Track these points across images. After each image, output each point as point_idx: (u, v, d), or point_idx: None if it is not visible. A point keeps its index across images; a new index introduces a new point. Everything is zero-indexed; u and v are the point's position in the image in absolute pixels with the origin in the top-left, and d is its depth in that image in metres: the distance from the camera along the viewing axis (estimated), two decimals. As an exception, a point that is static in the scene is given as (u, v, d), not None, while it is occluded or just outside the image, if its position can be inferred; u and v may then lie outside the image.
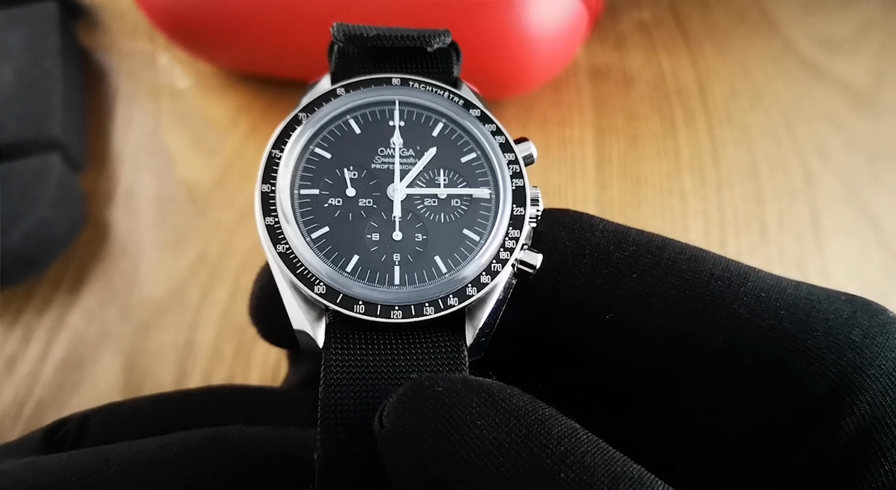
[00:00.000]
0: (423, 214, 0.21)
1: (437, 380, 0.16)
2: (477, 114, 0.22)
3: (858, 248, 0.44)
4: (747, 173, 0.47)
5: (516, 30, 0.41)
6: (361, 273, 0.20)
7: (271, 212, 0.20)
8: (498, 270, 0.20)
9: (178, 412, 0.24)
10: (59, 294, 0.42)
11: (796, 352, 0.18)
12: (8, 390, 0.38)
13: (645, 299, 0.19)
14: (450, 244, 0.21)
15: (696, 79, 0.52)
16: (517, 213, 0.21)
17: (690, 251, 0.20)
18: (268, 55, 0.47)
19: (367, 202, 0.21)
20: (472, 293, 0.20)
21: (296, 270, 0.20)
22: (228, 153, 0.48)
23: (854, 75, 0.53)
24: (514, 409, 0.15)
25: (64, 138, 0.45)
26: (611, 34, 0.55)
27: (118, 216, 0.45)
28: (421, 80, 0.23)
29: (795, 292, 0.19)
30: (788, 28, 0.56)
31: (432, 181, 0.21)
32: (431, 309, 0.19)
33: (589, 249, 0.20)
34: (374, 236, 0.20)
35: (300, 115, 0.22)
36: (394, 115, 0.22)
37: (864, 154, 0.49)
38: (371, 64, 0.23)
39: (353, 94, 0.22)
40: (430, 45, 0.22)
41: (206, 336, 0.40)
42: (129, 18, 0.55)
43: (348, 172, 0.21)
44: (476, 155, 0.22)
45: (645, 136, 0.49)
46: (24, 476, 0.19)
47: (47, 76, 0.46)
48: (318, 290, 0.19)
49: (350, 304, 0.19)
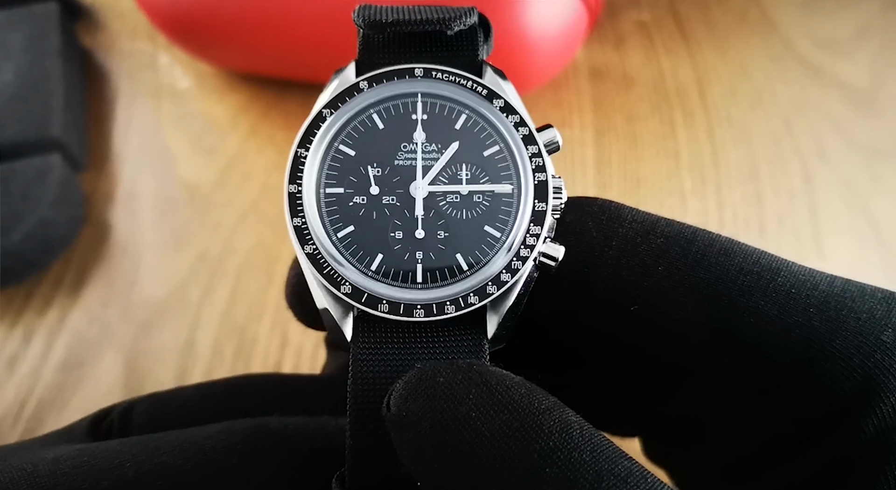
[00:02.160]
0: (445, 211, 0.21)
1: (441, 369, 0.17)
2: (501, 104, 0.22)
3: (857, 247, 0.44)
4: (747, 173, 0.47)
5: (516, 30, 0.41)
6: (385, 272, 0.21)
7: (298, 213, 0.21)
8: (518, 268, 0.20)
9: (219, 401, 0.25)
10: (60, 294, 0.42)
11: (823, 352, 0.18)
12: (9, 390, 0.38)
13: (671, 292, 0.19)
14: (471, 241, 0.21)
15: (696, 79, 0.52)
16: (539, 209, 0.21)
17: (721, 243, 0.20)
18: (268, 56, 0.47)
19: (391, 200, 0.21)
20: (492, 291, 0.20)
21: (322, 271, 0.20)
22: (229, 153, 0.48)
23: (853, 76, 0.53)
24: (510, 403, 0.16)
25: (64, 138, 0.45)
26: (610, 34, 0.55)
27: (119, 216, 0.45)
28: (444, 69, 0.22)
29: (828, 289, 0.19)
30: (788, 28, 0.56)
31: (455, 177, 0.22)
32: (452, 307, 0.20)
33: (616, 241, 0.20)
34: (398, 234, 0.21)
35: (324, 111, 0.22)
36: (416, 107, 0.22)
37: (864, 154, 0.49)
38: (396, 48, 0.23)
39: (375, 88, 0.22)
40: (451, 27, 0.22)
41: (207, 336, 0.40)
42: (130, 19, 0.55)
43: (372, 170, 0.22)
44: (499, 148, 0.22)
45: (645, 137, 0.49)
46: (81, 461, 0.19)
47: (48, 77, 0.46)
48: (343, 289, 0.20)
49: (374, 304, 0.20)
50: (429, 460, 0.16)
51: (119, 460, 0.19)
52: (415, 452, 0.16)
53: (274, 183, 0.46)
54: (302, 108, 0.50)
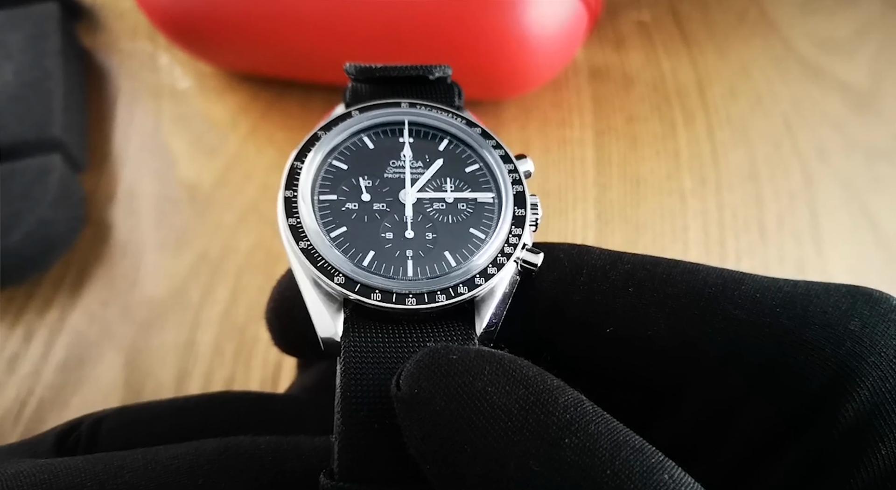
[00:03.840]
0: (433, 216, 0.23)
1: (452, 348, 0.17)
2: (479, 132, 0.25)
3: (857, 249, 0.44)
4: (747, 174, 0.48)
5: (516, 30, 0.42)
6: (377, 266, 0.22)
7: (293, 214, 0.22)
8: (503, 263, 0.22)
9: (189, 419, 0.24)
10: (61, 294, 0.42)
11: (794, 345, 0.19)
12: (9, 390, 0.38)
13: (642, 310, 0.20)
14: (458, 241, 0.22)
15: (696, 79, 0.52)
16: (518, 214, 0.23)
17: (684, 264, 0.21)
18: (268, 56, 0.47)
19: (381, 206, 0.23)
20: (480, 283, 0.21)
21: (316, 264, 0.21)
22: (229, 153, 0.48)
23: (853, 76, 0.53)
24: (524, 379, 0.16)
25: (65, 139, 0.45)
26: (610, 35, 0.55)
27: (119, 216, 0.45)
28: (427, 103, 0.25)
29: (792, 289, 0.20)
30: (788, 29, 0.56)
31: (440, 187, 0.24)
32: (443, 296, 0.21)
33: (586, 269, 0.21)
34: (388, 235, 0.22)
35: (319, 132, 0.24)
36: (404, 132, 0.25)
37: (864, 155, 0.49)
38: (381, 95, 0.25)
39: (366, 114, 0.24)
40: (432, 73, 0.25)
41: (207, 336, 0.40)
42: (130, 19, 0.55)
43: (363, 180, 0.23)
44: (479, 166, 0.24)
45: (644, 137, 0.49)
46: (41, 478, 0.19)
47: (48, 77, 0.46)
48: (337, 280, 0.21)
49: (367, 293, 0.21)
50: (443, 438, 0.16)
51: (80, 479, 0.19)
52: (428, 430, 0.16)
53: (274, 183, 0.46)
54: (301, 108, 0.50)
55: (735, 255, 0.44)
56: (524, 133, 0.49)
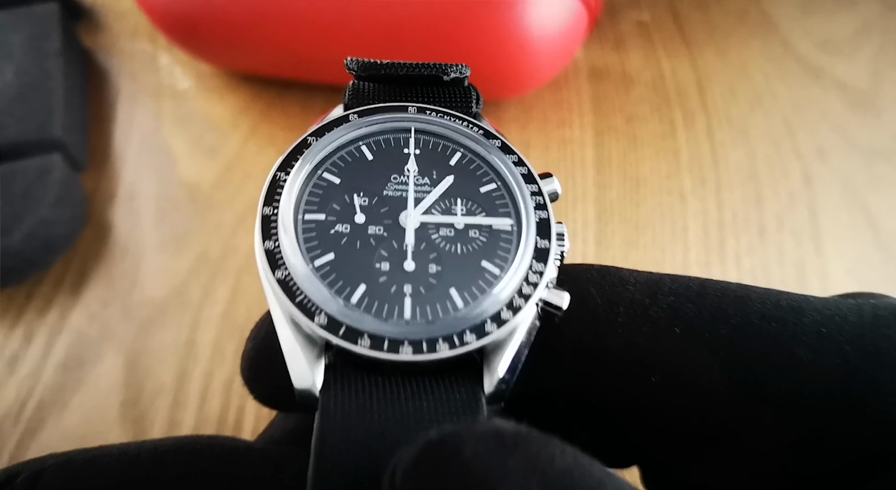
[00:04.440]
0: (438, 245, 0.19)
1: (465, 437, 0.13)
2: (498, 144, 0.21)
3: (857, 248, 0.44)
4: (746, 174, 0.48)
5: (516, 31, 0.42)
6: (368, 304, 0.18)
7: (272, 235, 0.19)
8: (520, 306, 0.18)
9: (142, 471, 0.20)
10: (61, 294, 0.42)
11: (868, 390, 0.17)
12: (9, 390, 0.38)
13: (692, 355, 0.17)
14: (467, 276, 0.19)
15: (696, 79, 0.53)
16: (541, 246, 0.19)
17: (733, 291, 0.18)
18: (268, 56, 0.47)
19: (378, 230, 0.19)
20: (491, 330, 0.18)
21: (294, 298, 0.18)
22: (229, 153, 0.48)
23: (853, 76, 0.53)
24: (560, 476, 0.13)
25: (65, 139, 0.45)
26: (610, 35, 0.55)
27: (119, 216, 0.45)
28: (438, 109, 0.21)
29: (858, 320, 0.17)
30: (787, 29, 0.56)
31: (449, 210, 0.20)
32: (445, 345, 0.17)
33: (623, 306, 0.18)
34: (384, 266, 0.19)
35: (309, 138, 0.21)
36: (409, 142, 0.21)
37: (863, 155, 0.49)
38: (386, 96, 0.22)
39: (366, 119, 0.21)
40: (447, 73, 0.21)
41: (207, 335, 0.40)
42: (131, 19, 0.55)
43: (358, 198, 0.20)
44: (496, 185, 0.21)
45: (644, 137, 0.49)
46: None
47: (49, 77, 0.46)
48: (318, 320, 0.17)
49: (354, 337, 0.17)
50: None
51: None
52: None
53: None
54: (302, 108, 0.51)
55: (735, 255, 0.44)
56: (524, 133, 0.49)
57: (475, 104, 0.22)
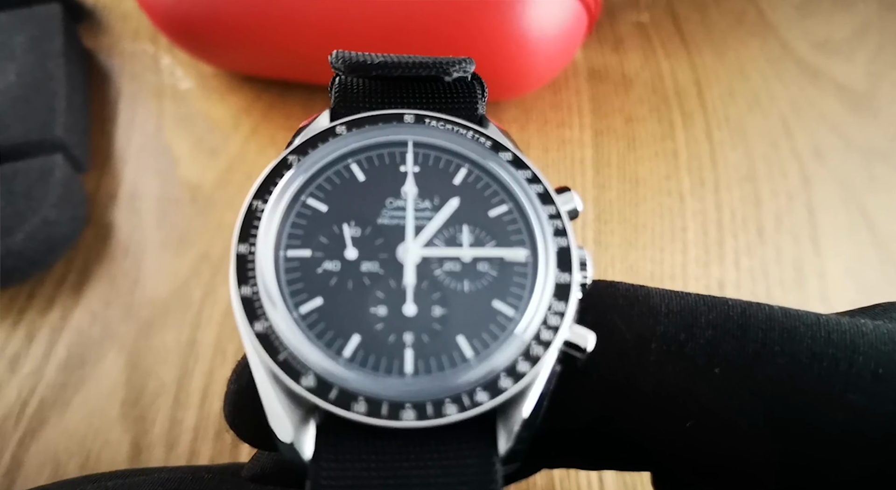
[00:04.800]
0: (443, 282, 0.17)
1: None
2: (508, 158, 0.19)
3: (855, 249, 0.44)
4: (745, 174, 0.48)
5: (515, 32, 0.42)
6: (363, 359, 0.16)
7: (249, 279, 0.16)
8: (539, 355, 0.16)
9: None
10: (62, 294, 0.42)
11: None
12: (11, 389, 0.39)
13: (732, 397, 0.16)
14: (477, 320, 0.16)
15: (694, 80, 0.53)
16: (562, 282, 0.17)
17: (779, 323, 0.16)
18: (270, 57, 0.47)
19: (373, 267, 0.17)
20: (506, 386, 0.15)
21: (277, 355, 0.15)
22: (231, 154, 0.48)
23: (851, 77, 0.53)
24: None
25: (67, 139, 0.45)
26: (609, 36, 0.55)
27: (121, 216, 0.46)
28: (439, 116, 0.19)
29: None
30: (785, 30, 0.56)
31: (454, 240, 0.17)
32: (454, 407, 0.15)
33: (655, 342, 0.16)
34: (380, 310, 0.16)
35: (289, 158, 0.18)
36: (406, 159, 0.18)
37: (861, 155, 0.49)
38: (378, 98, 0.19)
39: (356, 133, 0.18)
40: (448, 74, 0.19)
41: (209, 335, 0.40)
42: (132, 20, 0.56)
43: (349, 229, 0.17)
44: (508, 208, 0.18)
45: (643, 138, 0.49)
46: None
47: (50, 78, 0.47)
48: (305, 382, 0.15)
49: (347, 402, 0.15)
50: None
51: None
52: None
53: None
54: (304, 109, 0.51)
55: (734, 255, 0.44)
56: (523, 134, 0.49)
57: (480, 102, 0.20)
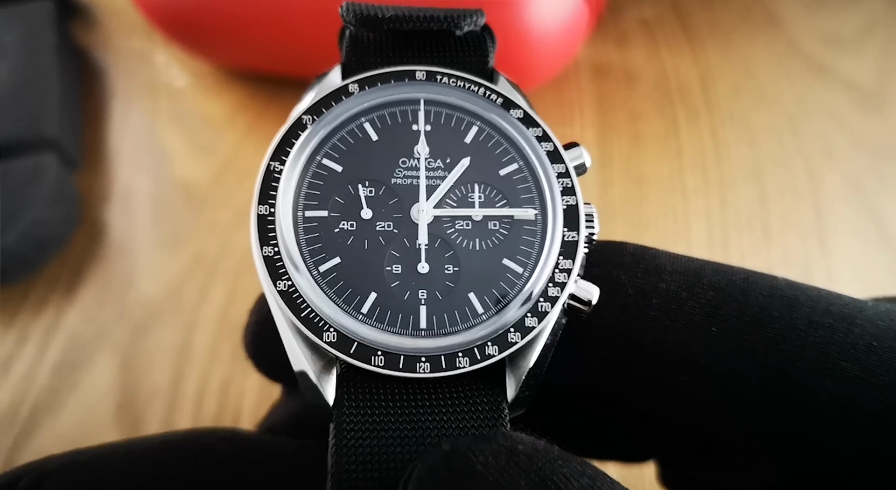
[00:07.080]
0: (455, 241, 0.17)
1: (476, 451, 0.13)
2: (519, 115, 0.19)
3: (862, 247, 0.44)
4: (750, 172, 0.47)
5: (518, 28, 0.41)
6: (380, 315, 0.17)
7: (270, 240, 0.17)
8: (546, 311, 0.17)
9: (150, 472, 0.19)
10: (55, 294, 0.42)
11: None
12: (4, 392, 0.38)
13: (729, 357, 0.16)
14: (487, 278, 0.17)
15: (699, 77, 0.52)
16: (569, 239, 0.18)
17: (781, 291, 0.17)
18: (265, 52, 0.47)
19: (387, 226, 0.17)
20: (514, 340, 0.16)
21: (300, 313, 0.16)
22: (226, 152, 0.48)
23: (858, 73, 0.53)
24: None
25: (60, 137, 0.44)
26: (613, 32, 0.55)
27: (114, 215, 0.45)
28: (451, 73, 0.19)
29: None
30: (792, 26, 0.55)
31: (465, 199, 0.18)
32: (466, 360, 0.16)
33: (657, 298, 0.17)
34: (396, 268, 0.17)
35: (304, 118, 0.19)
36: (418, 117, 0.19)
37: (869, 153, 0.48)
38: (390, 51, 0.20)
39: (368, 92, 0.19)
40: (460, 27, 0.19)
41: (204, 337, 0.40)
42: (126, 16, 0.55)
43: (363, 189, 0.18)
44: (518, 166, 0.19)
45: (647, 135, 0.49)
46: None
47: (43, 75, 0.46)
48: (327, 337, 0.16)
49: (367, 356, 0.16)
50: None
51: None
52: None
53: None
54: (300, 106, 0.50)
55: (739, 255, 0.43)
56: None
57: (491, 55, 0.20)
